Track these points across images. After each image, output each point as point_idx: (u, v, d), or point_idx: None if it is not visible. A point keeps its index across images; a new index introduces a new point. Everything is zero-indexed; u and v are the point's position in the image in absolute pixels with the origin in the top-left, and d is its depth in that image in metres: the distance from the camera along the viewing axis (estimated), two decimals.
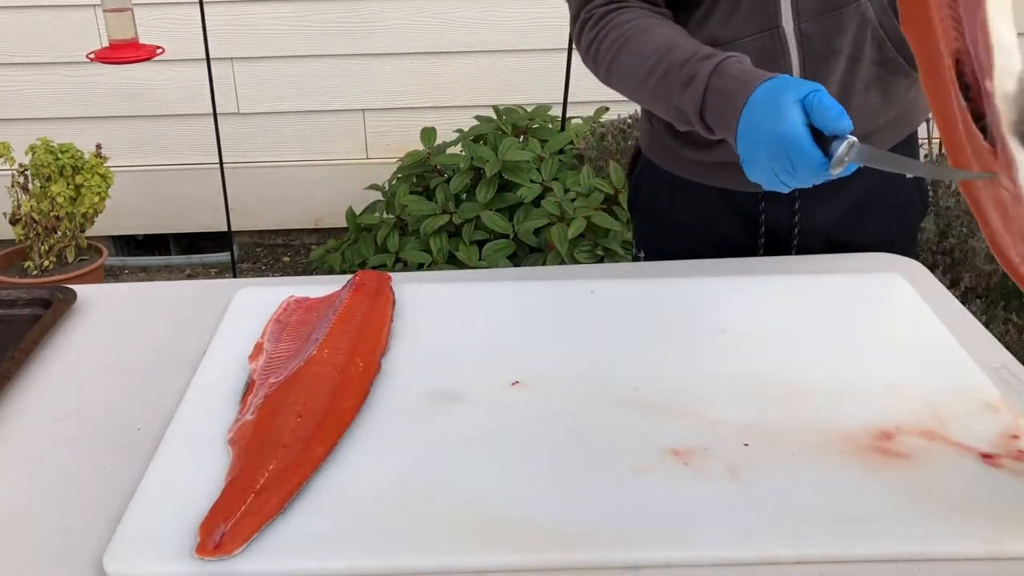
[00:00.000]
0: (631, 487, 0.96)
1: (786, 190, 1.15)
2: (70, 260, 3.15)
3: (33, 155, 3.03)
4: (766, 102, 1.12)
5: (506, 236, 3.11)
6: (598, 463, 0.99)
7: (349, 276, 1.35)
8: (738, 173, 1.31)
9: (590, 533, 0.90)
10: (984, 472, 0.98)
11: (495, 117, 3.32)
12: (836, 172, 1.08)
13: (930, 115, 3.12)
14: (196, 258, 3.80)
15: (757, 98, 1.13)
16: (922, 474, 0.97)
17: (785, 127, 1.09)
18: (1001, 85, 0.85)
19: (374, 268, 3.00)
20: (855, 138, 1.07)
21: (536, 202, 3.07)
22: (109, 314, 1.36)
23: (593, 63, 1.35)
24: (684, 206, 1.53)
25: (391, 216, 3.27)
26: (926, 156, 2.93)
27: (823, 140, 1.09)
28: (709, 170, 1.47)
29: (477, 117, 3.35)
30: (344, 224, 3.43)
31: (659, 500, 0.94)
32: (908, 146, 1.49)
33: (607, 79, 1.35)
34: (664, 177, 1.53)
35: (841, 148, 1.07)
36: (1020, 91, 0.85)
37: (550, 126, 3.33)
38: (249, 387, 1.11)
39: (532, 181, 3.10)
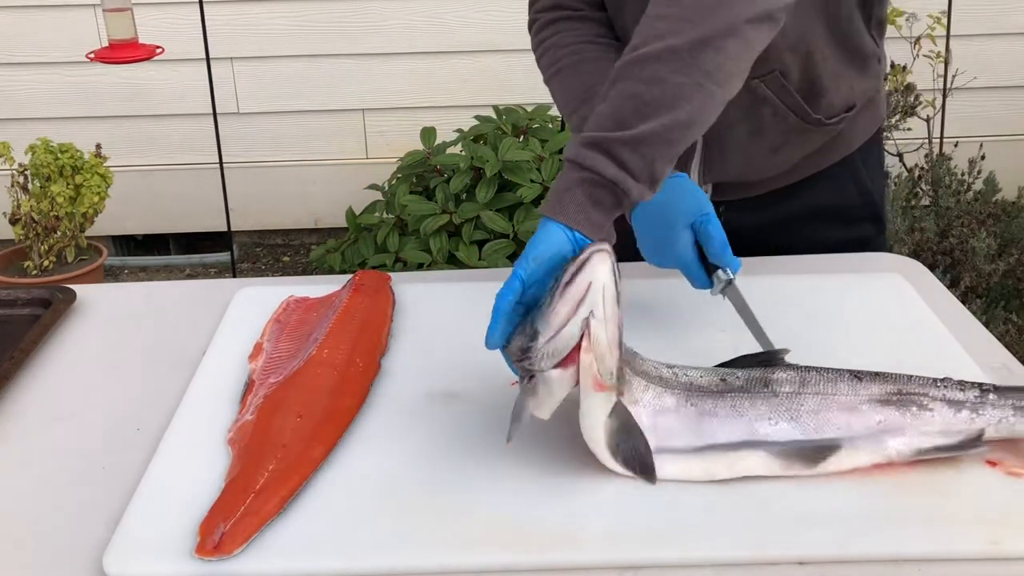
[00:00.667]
0: (631, 487, 0.96)
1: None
2: (70, 260, 3.15)
3: (33, 155, 3.03)
4: (659, 212, 1.17)
5: (506, 236, 3.11)
6: (598, 463, 0.99)
7: (349, 276, 1.35)
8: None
9: (590, 533, 0.90)
10: (984, 472, 0.97)
11: (495, 117, 3.31)
12: (717, 293, 1.17)
13: (931, 115, 3.11)
14: (196, 258, 3.80)
15: (650, 205, 1.11)
16: (922, 474, 0.97)
17: (678, 249, 1.16)
18: None
19: (374, 268, 3.00)
20: (731, 276, 1.16)
21: (536, 202, 3.07)
22: (109, 314, 1.36)
23: (539, 68, 1.37)
24: None
25: (391, 216, 3.27)
26: (926, 156, 2.93)
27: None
28: None
29: (477, 117, 3.35)
30: (344, 224, 3.43)
31: (658, 500, 0.94)
32: (846, 166, 1.45)
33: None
34: None
35: (718, 285, 1.16)
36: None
37: (550, 126, 3.33)
38: (249, 387, 1.11)
39: (532, 181, 3.10)
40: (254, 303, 1.32)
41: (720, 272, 1.16)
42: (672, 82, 1.01)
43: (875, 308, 1.29)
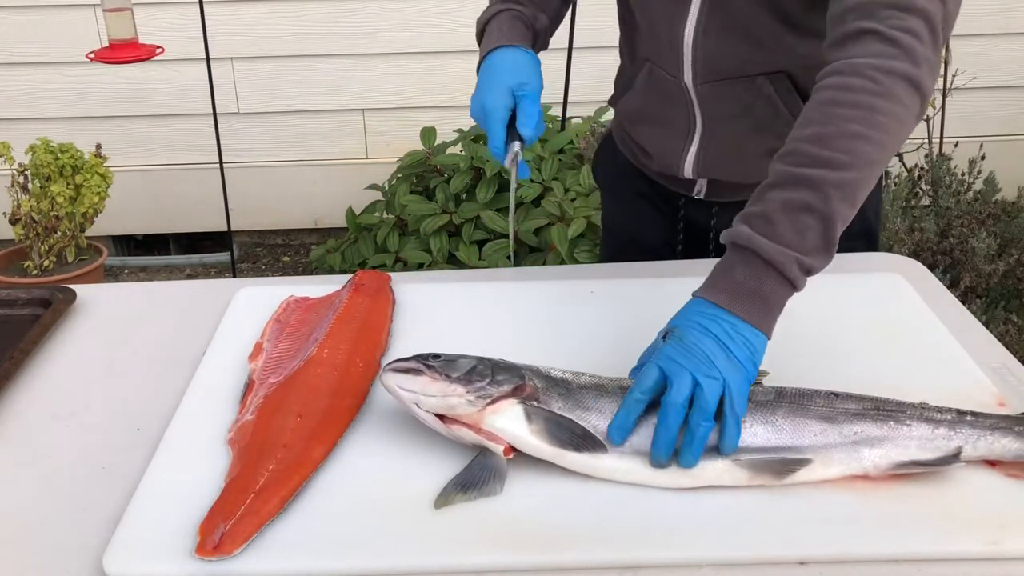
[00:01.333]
0: (631, 487, 0.96)
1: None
2: (70, 260, 3.15)
3: (33, 155, 3.03)
4: (491, 68, 1.28)
5: (506, 236, 3.11)
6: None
7: (349, 276, 1.35)
8: (654, 168, 1.47)
9: (589, 533, 0.90)
10: (984, 472, 0.97)
11: None
12: (507, 164, 1.24)
13: (931, 115, 3.10)
14: (196, 258, 3.79)
15: (491, 60, 1.29)
16: (921, 475, 0.97)
17: (493, 103, 1.24)
18: None
19: (374, 268, 3.00)
20: (518, 151, 1.23)
21: (536, 202, 3.07)
22: (109, 314, 1.36)
23: None
24: (628, 179, 1.57)
25: (391, 216, 3.27)
26: (926, 156, 2.93)
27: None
28: (636, 157, 1.53)
29: None
30: (344, 224, 3.43)
31: (658, 500, 0.94)
32: None
33: None
34: (613, 149, 1.59)
35: (508, 155, 1.23)
36: None
37: (550, 126, 3.32)
38: (249, 387, 1.11)
39: (532, 181, 3.10)
40: (254, 303, 1.32)
41: (515, 144, 1.22)
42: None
43: (875, 308, 1.29)
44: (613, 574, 0.87)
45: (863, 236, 1.48)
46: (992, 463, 0.98)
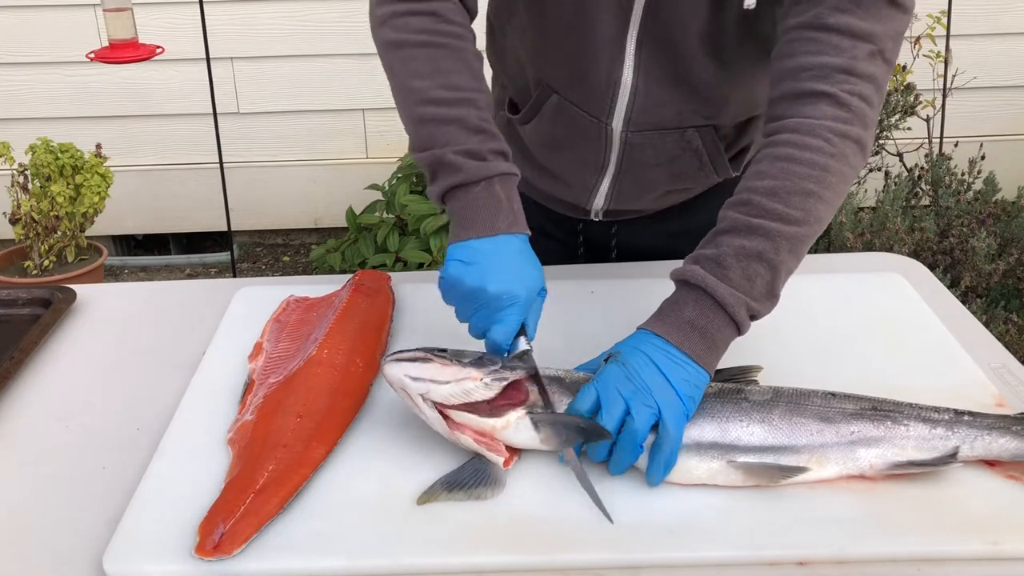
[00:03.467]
0: (631, 487, 0.96)
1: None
2: (70, 260, 3.15)
3: (33, 155, 3.03)
4: (522, 254, 1.07)
5: None
6: (598, 462, 0.99)
7: (349, 276, 1.35)
8: (558, 195, 1.41)
9: (590, 533, 0.90)
10: (984, 472, 0.97)
11: None
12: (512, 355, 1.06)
13: (931, 115, 3.10)
14: (196, 258, 3.79)
15: (520, 245, 1.08)
16: (921, 475, 0.97)
17: (520, 289, 1.04)
18: None
19: (374, 268, 3.00)
20: (527, 347, 1.05)
21: None
22: (109, 314, 1.36)
23: (376, 43, 1.21)
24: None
25: (391, 216, 3.27)
26: (926, 156, 2.93)
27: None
28: (531, 185, 1.44)
29: None
30: (344, 224, 3.43)
31: (659, 500, 0.94)
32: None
33: (382, 56, 1.20)
34: None
35: (516, 351, 1.05)
36: None
37: None
38: (249, 387, 1.11)
39: None
40: (254, 303, 1.32)
41: (521, 339, 1.05)
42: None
43: (875, 308, 1.29)
44: (613, 574, 0.87)
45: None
46: (992, 463, 0.98)
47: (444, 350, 1.01)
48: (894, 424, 0.98)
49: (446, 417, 0.98)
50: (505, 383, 0.98)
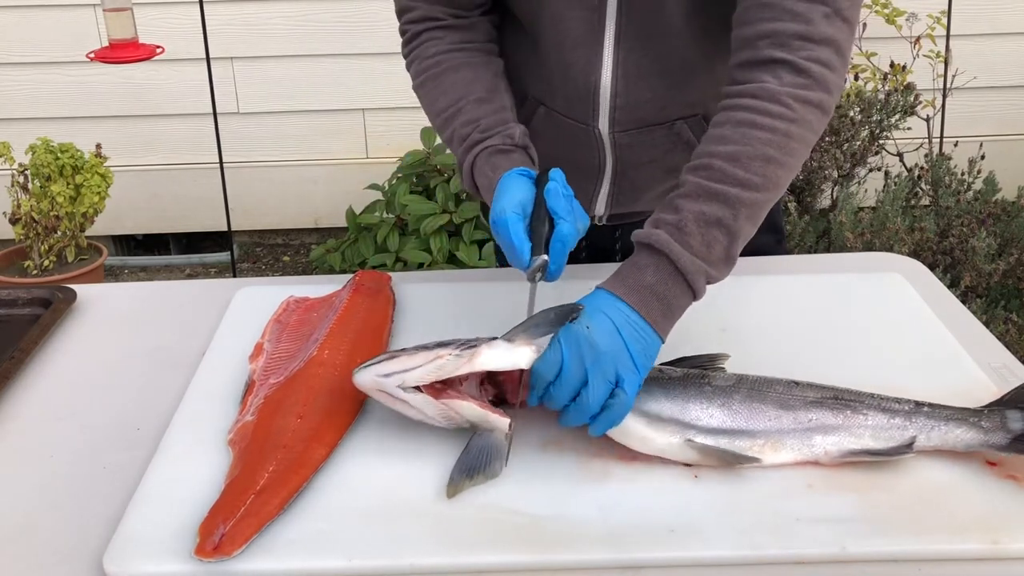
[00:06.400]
0: (631, 488, 0.96)
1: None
2: (70, 260, 3.15)
3: (33, 155, 3.03)
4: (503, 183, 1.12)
5: None
6: (598, 462, 0.99)
7: (349, 276, 1.35)
8: None
9: (589, 533, 0.90)
10: (984, 472, 0.97)
11: None
12: (528, 278, 1.08)
13: (931, 115, 3.10)
14: (196, 258, 3.79)
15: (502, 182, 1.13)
16: (921, 475, 0.97)
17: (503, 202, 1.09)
18: None
19: (374, 268, 3.00)
20: (543, 264, 1.06)
21: None
22: (109, 314, 1.36)
23: (412, 79, 1.31)
24: None
25: (391, 216, 3.27)
26: (926, 156, 2.93)
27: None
28: None
29: None
30: (344, 224, 3.43)
31: (659, 500, 0.94)
32: None
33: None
34: None
35: (533, 266, 1.06)
36: None
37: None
38: (249, 387, 1.11)
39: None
40: (254, 303, 1.32)
41: (541, 257, 1.07)
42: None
43: (875, 308, 1.29)
44: (613, 574, 0.87)
45: (771, 231, 1.46)
46: (992, 463, 0.98)
47: (404, 348, 1.03)
48: (853, 413, 1.00)
49: (435, 395, 0.98)
50: (474, 347, 0.99)
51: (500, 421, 0.98)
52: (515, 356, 0.99)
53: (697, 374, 1.04)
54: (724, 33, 1.18)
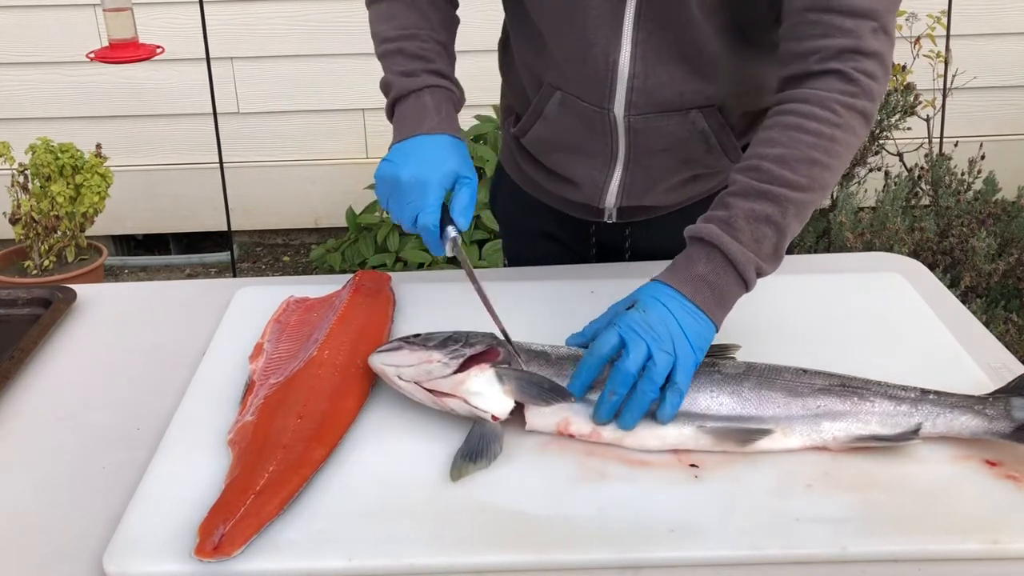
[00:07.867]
0: (631, 487, 0.96)
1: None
2: (70, 260, 3.15)
3: (33, 155, 3.03)
4: (431, 144, 1.20)
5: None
6: (598, 462, 0.99)
7: (349, 276, 1.35)
8: (570, 197, 1.42)
9: (590, 533, 0.90)
10: (984, 473, 0.98)
11: (495, 117, 3.31)
12: (448, 252, 1.17)
13: (931, 115, 3.10)
14: (196, 258, 3.79)
15: (430, 140, 1.21)
16: (922, 474, 0.97)
17: (431, 173, 1.16)
18: None
19: (374, 268, 3.00)
20: (457, 237, 1.15)
21: None
22: (109, 314, 1.36)
23: None
24: (528, 217, 1.54)
25: None
26: (926, 156, 2.93)
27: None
28: (542, 188, 1.48)
29: (477, 117, 3.34)
30: (344, 224, 3.43)
31: (659, 500, 0.94)
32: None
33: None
34: (511, 187, 1.55)
35: (447, 243, 1.15)
36: None
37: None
38: (249, 388, 1.11)
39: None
40: (254, 303, 1.32)
41: (450, 229, 1.15)
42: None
43: (875, 308, 1.29)
44: (613, 574, 0.87)
45: None
46: (992, 463, 0.98)
47: (418, 335, 1.10)
48: (860, 400, 1.02)
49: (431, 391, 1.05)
50: (463, 359, 1.04)
51: (485, 414, 1.02)
52: (492, 401, 1.02)
53: (707, 362, 1.06)
54: (752, 32, 1.21)
